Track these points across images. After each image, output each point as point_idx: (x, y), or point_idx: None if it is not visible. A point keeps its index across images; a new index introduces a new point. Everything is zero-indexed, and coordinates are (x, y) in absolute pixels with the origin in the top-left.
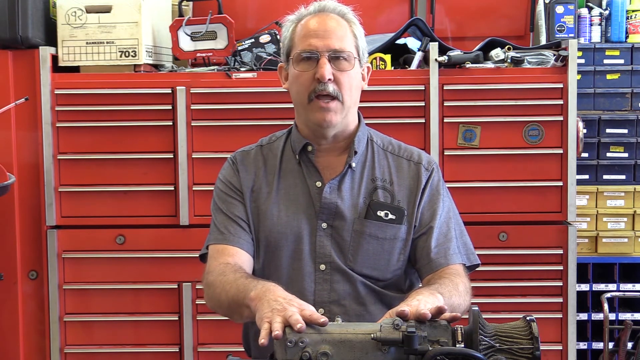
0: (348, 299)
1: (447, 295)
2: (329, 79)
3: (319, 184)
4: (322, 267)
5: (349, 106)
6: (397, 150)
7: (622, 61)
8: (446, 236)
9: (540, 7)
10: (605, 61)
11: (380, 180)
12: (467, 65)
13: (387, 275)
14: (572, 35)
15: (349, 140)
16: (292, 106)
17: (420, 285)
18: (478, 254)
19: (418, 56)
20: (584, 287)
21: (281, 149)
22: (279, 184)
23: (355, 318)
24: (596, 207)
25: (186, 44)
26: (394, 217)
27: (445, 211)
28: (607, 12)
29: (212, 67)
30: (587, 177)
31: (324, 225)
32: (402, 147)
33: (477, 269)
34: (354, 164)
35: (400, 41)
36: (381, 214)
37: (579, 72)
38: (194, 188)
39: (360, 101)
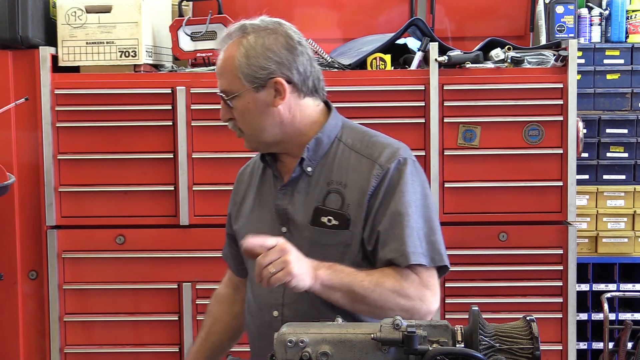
0: (300, 303)
1: (352, 278)
2: (230, 118)
3: (279, 190)
4: None
5: (254, 134)
6: (363, 148)
7: (622, 61)
8: (397, 239)
9: (540, 7)
10: (605, 61)
11: (335, 183)
12: (467, 65)
13: None
14: (572, 35)
15: (304, 146)
16: None
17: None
18: (478, 254)
19: (418, 56)
20: (584, 287)
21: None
22: (260, 191)
23: (309, 321)
24: (596, 207)
25: (186, 44)
26: (337, 222)
27: (399, 209)
28: (607, 12)
29: (212, 67)
30: (587, 177)
31: (284, 229)
32: (371, 144)
33: (448, 271)
34: (309, 169)
35: (400, 41)
36: (324, 220)
37: (579, 72)
38: (194, 188)
39: (361, 101)
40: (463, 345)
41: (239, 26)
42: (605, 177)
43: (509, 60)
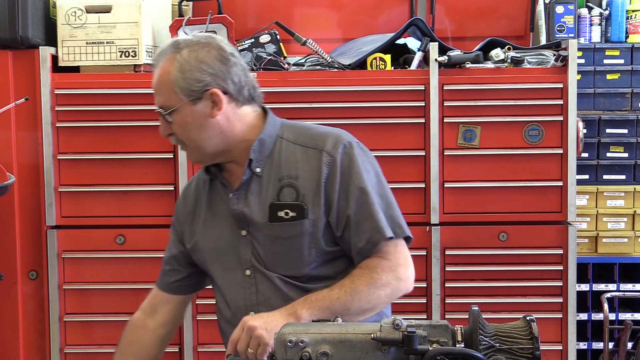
0: (274, 298)
1: (328, 300)
2: (170, 134)
3: (230, 195)
4: (248, 272)
5: (197, 146)
6: (307, 140)
7: (622, 61)
8: (368, 218)
9: (540, 7)
10: (605, 61)
11: (286, 177)
12: (467, 65)
13: (303, 271)
14: (572, 35)
15: (249, 150)
16: (293, 106)
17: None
18: (478, 254)
19: (418, 56)
20: (584, 287)
21: (202, 177)
22: (210, 203)
23: None
24: (596, 207)
25: None
26: (294, 214)
27: (360, 190)
28: (607, 12)
29: None
30: (587, 177)
31: (244, 232)
32: (313, 136)
33: (412, 241)
34: (258, 170)
35: (400, 41)
36: (281, 214)
37: (579, 72)
38: None
39: (361, 101)
40: (463, 345)
41: (171, 43)
42: (605, 177)
43: (509, 60)
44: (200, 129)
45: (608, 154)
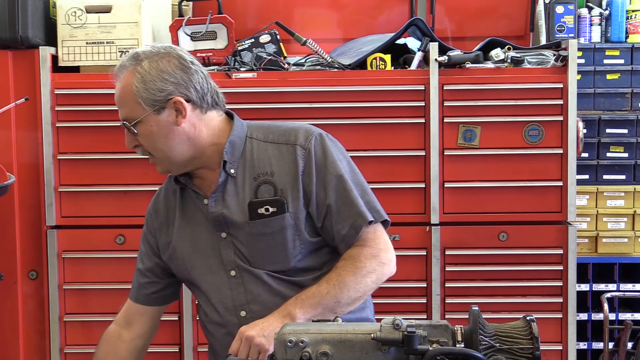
0: (263, 295)
1: (318, 297)
2: (136, 145)
3: (205, 201)
4: (232, 272)
5: (165, 156)
6: (277, 137)
7: (622, 61)
8: (348, 205)
9: (540, 7)
10: (605, 61)
11: (262, 175)
12: (467, 65)
13: (290, 264)
14: (572, 35)
15: (219, 154)
16: (293, 106)
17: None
18: (478, 254)
19: (418, 56)
20: (584, 287)
21: (168, 197)
22: (183, 211)
23: (275, 310)
24: (596, 207)
25: (186, 44)
26: (274, 209)
27: (337, 179)
28: (607, 12)
29: (212, 67)
30: (587, 177)
31: (224, 234)
32: (282, 132)
33: (389, 224)
34: (232, 171)
35: (400, 41)
36: (262, 210)
37: (579, 72)
38: None
39: (361, 101)
40: (463, 345)
41: (131, 55)
42: (605, 177)
43: (509, 60)
44: (166, 138)
45: (608, 154)
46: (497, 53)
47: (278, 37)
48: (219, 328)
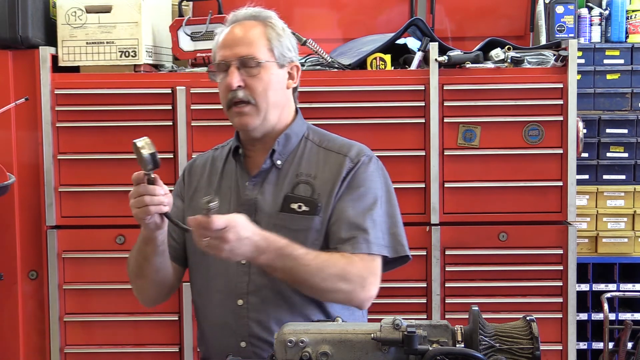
0: (265, 289)
1: (296, 262)
2: (239, 86)
3: (247, 182)
4: (243, 260)
5: (265, 108)
6: (331, 145)
7: (622, 61)
8: (355, 226)
9: (540, 7)
10: (605, 61)
11: (304, 175)
12: (467, 65)
13: None
14: (572, 35)
15: (275, 139)
16: None
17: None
18: (478, 254)
19: (418, 56)
20: (584, 287)
21: (227, 152)
22: (219, 185)
23: (273, 307)
24: (596, 207)
25: (186, 44)
26: (307, 208)
27: (366, 203)
28: (607, 12)
29: None
30: (587, 177)
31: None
32: (338, 142)
33: (409, 260)
34: (279, 162)
35: (400, 41)
36: (294, 206)
37: (579, 72)
38: None
39: (361, 101)
40: (463, 345)
41: (256, 10)
42: (605, 177)
43: (509, 60)
44: (277, 92)
45: (608, 154)
46: (497, 53)
47: None
48: (215, 310)
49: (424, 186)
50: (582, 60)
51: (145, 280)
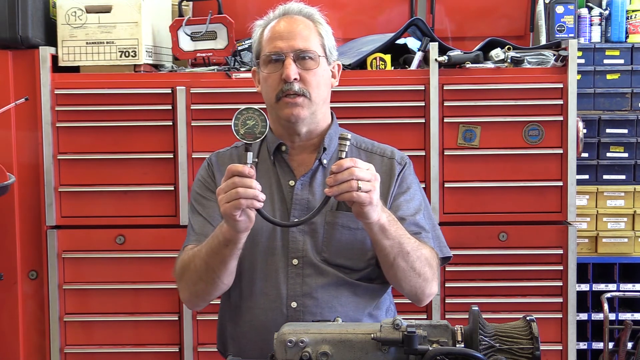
0: (320, 291)
1: (403, 232)
2: (295, 79)
3: (292, 182)
4: (295, 261)
5: (317, 102)
6: (370, 147)
7: (622, 61)
8: (417, 225)
9: (540, 7)
10: (605, 61)
11: None
12: (467, 65)
13: (360, 265)
14: (572, 35)
15: (321, 138)
16: None
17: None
18: (478, 254)
19: (418, 56)
20: (584, 287)
21: (257, 150)
22: None
23: (328, 310)
24: (596, 207)
25: (186, 44)
26: None
27: (416, 204)
28: (607, 12)
29: (212, 67)
30: (587, 177)
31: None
32: (375, 144)
33: (450, 261)
34: (325, 161)
35: (400, 41)
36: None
37: (579, 72)
38: None
39: (361, 101)
40: (463, 345)
41: (305, 5)
42: (605, 177)
43: (509, 60)
44: (326, 89)
45: (608, 154)
46: (497, 53)
47: None
48: (265, 314)
49: (424, 186)
50: (582, 60)
51: (211, 284)
